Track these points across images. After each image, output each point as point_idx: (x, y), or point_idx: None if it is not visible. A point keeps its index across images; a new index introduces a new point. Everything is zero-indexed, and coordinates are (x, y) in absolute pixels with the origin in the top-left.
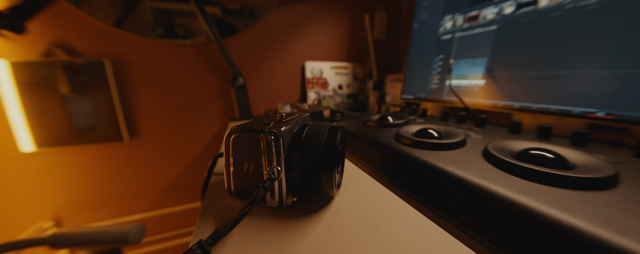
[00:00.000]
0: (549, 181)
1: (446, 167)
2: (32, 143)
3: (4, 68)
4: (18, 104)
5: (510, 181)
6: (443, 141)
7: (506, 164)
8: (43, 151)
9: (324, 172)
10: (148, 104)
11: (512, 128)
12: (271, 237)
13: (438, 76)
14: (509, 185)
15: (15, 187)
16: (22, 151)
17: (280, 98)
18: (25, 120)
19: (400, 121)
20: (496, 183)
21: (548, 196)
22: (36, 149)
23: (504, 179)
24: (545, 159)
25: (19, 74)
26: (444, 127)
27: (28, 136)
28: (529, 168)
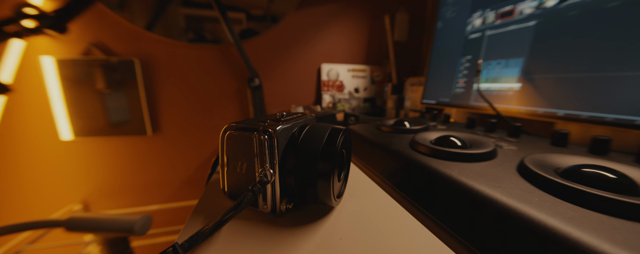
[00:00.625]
0: (610, 210)
1: (470, 183)
2: (70, 132)
3: (51, 64)
4: (61, 96)
5: (555, 205)
6: (468, 151)
7: (550, 184)
8: (79, 139)
9: (320, 179)
10: (170, 101)
11: (555, 139)
12: (257, 246)
13: (464, 79)
14: (554, 211)
15: (53, 171)
16: (62, 139)
17: (295, 100)
18: (66, 111)
19: (418, 126)
20: (537, 208)
21: (613, 231)
22: (74, 138)
23: (547, 203)
24: (604, 179)
25: (63, 70)
26: (470, 135)
27: (68, 125)
28: (583, 191)
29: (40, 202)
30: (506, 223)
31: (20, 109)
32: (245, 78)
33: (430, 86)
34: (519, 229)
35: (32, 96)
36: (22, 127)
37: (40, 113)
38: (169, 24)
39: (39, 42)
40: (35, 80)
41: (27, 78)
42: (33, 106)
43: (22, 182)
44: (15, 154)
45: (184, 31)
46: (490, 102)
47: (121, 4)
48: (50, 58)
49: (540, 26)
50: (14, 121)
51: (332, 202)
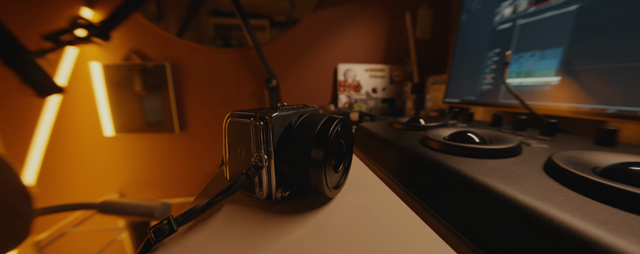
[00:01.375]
0: None
1: (480, 178)
2: (112, 129)
3: (98, 69)
4: (105, 97)
5: (586, 206)
6: (485, 147)
7: (582, 182)
8: (119, 136)
9: (312, 166)
10: (195, 102)
11: (601, 137)
12: (249, 229)
13: (492, 75)
14: (583, 212)
15: (96, 163)
16: (105, 135)
17: (311, 100)
18: (110, 110)
19: (435, 123)
20: (561, 207)
21: None
22: (115, 134)
23: (575, 203)
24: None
25: (107, 74)
26: (493, 132)
27: (110, 123)
28: (627, 191)
29: (84, 190)
30: (517, 222)
31: (71, 107)
32: (263, 79)
33: (453, 83)
34: (534, 230)
35: (81, 97)
36: (73, 123)
37: (88, 111)
38: (200, 32)
39: (89, 49)
40: (85, 83)
41: (78, 81)
42: (82, 105)
43: (70, 172)
44: (66, 146)
45: (213, 39)
46: (521, 98)
47: (159, 15)
48: (97, 63)
49: (584, 10)
50: (66, 118)
51: (325, 191)
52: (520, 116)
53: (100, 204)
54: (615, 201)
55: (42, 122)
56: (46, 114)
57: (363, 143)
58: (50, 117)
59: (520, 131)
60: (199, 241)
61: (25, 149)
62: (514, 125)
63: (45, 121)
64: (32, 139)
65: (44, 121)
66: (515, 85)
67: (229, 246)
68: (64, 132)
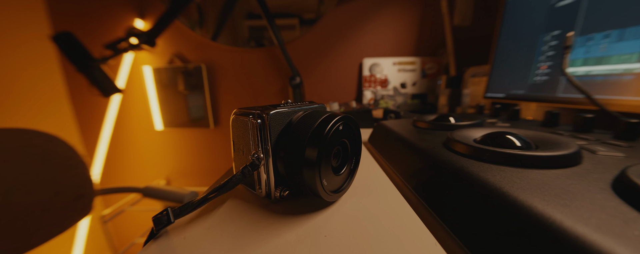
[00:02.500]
0: None
1: (514, 193)
2: (162, 124)
3: (149, 72)
4: (155, 96)
5: None
6: (526, 153)
7: None
8: (166, 130)
9: (306, 167)
10: (227, 99)
11: None
12: (244, 226)
13: (549, 63)
14: None
15: (148, 153)
16: (156, 129)
17: (334, 97)
18: (159, 108)
19: (467, 122)
20: (635, 246)
21: None
22: (163, 128)
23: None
24: None
25: (157, 76)
26: (543, 134)
27: (160, 118)
28: None
29: (139, 176)
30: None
31: (128, 105)
32: (287, 77)
33: (497, 75)
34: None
35: (136, 96)
36: (130, 119)
37: (142, 109)
38: (235, 35)
39: (141, 55)
40: (139, 84)
41: (134, 83)
42: (137, 103)
43: (128, 160)
44: (125, 138)
45: (247, 41)
46: (586, 91)
47: (201, 21)
48: (148, 67)
49: None
50: (124, 115)
51: (322, 194)
52: (584, 113)
53: (144, 189)
54: None
55: (107, 118)
56: (110, 111)
57: (380, 142)
58: (113, 114)
59: (583, 133)
60: (196, 233)
61: (95, 141)
62: (576, 125)
63: (109, 117)
64: (100, 132)
65: (108, 117)
66: (580, 75)
67: (221, 241)
68: (123, 127)
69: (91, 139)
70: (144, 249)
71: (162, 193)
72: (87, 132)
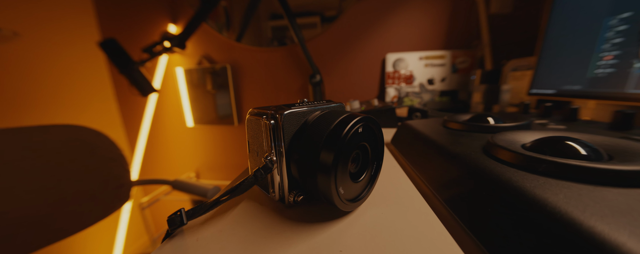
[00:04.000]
0: None
1: (589, 222)
2: (192, 121)
3: (181, 72)
4: (187, 95)
5: None
6: (599, 166)
7: None
8: (196, 126)
9: (320, 172)
10: (250, 98)
11: None
12: (255, 231)
13: (616, 52)
14: None
15: (181, 148)
16: (188, 126)
17: (356, 95)
18: (190, 106)
19: (511, 123)
20: None
21: None
22: (194, 125)
23: None
24: None
25: (188, 76)
26: (614, 140)
27: (191, 116)
28: None
29: (172, 169)
30: None
31: (163, 104)
32: (308, 75)
33: (546, 68)
34: None
35: (170, 95)
36: (164, 117)
37: (175, 107)
38: (259, 36)
39: (174, 57)
40: (172, 84)
41: (168, 83)
42: (171, 102)
43: (163, 154)
44: (160, 134)
45: (271, 41)
46: None
47: (227, 23)
48: (180, 68)
49: None
50: (160, 112)
51: (337, 203)
52: None
53: (173, 182)
54: None
55: (145, 116)
56: (147, 109)
57: (405, 144)
58: (150, 112)
59: None
60: (209, 234)
61: (135, 136)
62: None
63: (147, 115)
64: (139, 128)
65: (146, 115)
66: None
67: (231, 246)
68: (159, 124)
69: (132, 135)
70: (159, 248)
71: (188, 186)
72: (129, 128)
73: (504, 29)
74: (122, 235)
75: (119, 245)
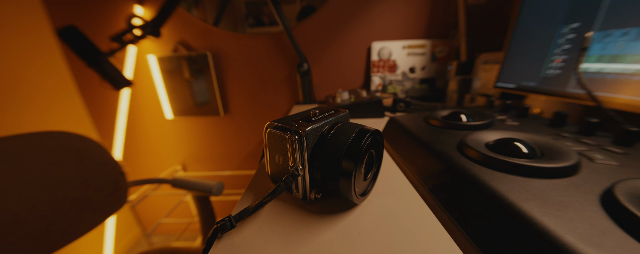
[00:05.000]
0: None
1: (519, 204)
2: (171, 112)
3: (154, 61)
4: (162, 85)
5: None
6: (531, 164)
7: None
8: (177, 118)
9: (342, 177)
10: (235, 87)
11: None
12: (289, 225)
13: (563, 57)
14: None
15: (161, 141)
16: (166, 118)
17: (343, 83)
18: (167, 96)
19: (479, 121)
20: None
21: None
22: (173, 117)
23: (626, 252)
24: None
25: (162, 65)
26: (547, 139)
27: (169, 107)
28: None
29: (156, 164)
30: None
31: (138, 96)
32: (295, 63)
33: (510, 64)
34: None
35: (145, 86)
36: (141, 110)
37: (151, 98)
38: (233, 14)
39: (145, 44)
40: (146, 74)
41: (140, 73)
42: (146, 93)
43: (143, 149)
44: (138, 129)
45: (245, 17)
46: (588, 88)
47: (196, 1)
48: (153, 56)
49: None
50: (135, 105)
51: (353, 199)
52: (589, 117)
53: (173, 180)
54: None
55: (120, 110)
56: (121, 103)
57: (395, 140)
58: (125, 106)
59: (587, 136)
60: (251, 232)
61: (111, 133)
62: (581, 127)
63: (122, 110)
64: (115, 124)
65: (121, 109)
66: (593, 71)
67: (274, 239)
68: (135, 118)
69: (106, 132)
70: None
71: (190, 184)
72: (101, 125)
73: (480, 21)
74: (111, 230)
75: (109, 239)
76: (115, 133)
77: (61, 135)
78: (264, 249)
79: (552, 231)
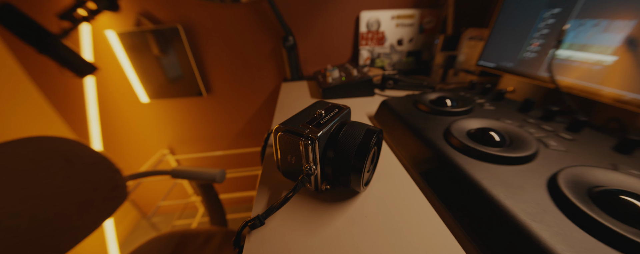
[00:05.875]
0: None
1: (489, 189)
2: (146, 95)
3: (115, 37)
4: (130, 65)
5: (567, 230)
6: (501, 154)
7: (574, 210)
8: (154, 101)
9: (352, 173)
10: (215, 64)
11: (623, 142)
12: (307, 214)
13: (541, 41)
14: (562, 236)
15: (143, 127)
16: (142, 101)
17: (331, 57)
18: (138, 78)
19: (461, 108)
20: (542, 227)
21: None
22: (149, 101)
23: (558, 227)
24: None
25: (124, 41)
26: (515, 128)
27: (142, 90)
28: (603, 225)
29: (141, 150)
30: (507, 233)
31: (106, 81)
32: (280, 37)
33: (493, 43)
34: (519, 240)
35: (110, 69)
36: (112, 95)
37: (121, 82)
38: None
39: (102, 20)
40: (108, 53)
41: (101, 53)
42: (114, 76)
43: (124, 137)
44: (113, 116)
45: None
46: (554, 75)
47: None
48: (112, 32)
49: None
50: (105, 91)
51: (359, 189)
52: (551, 105)
53: (172, 171)
54: (594, 233)
55: (88, 100)
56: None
57: (388, 124)
58: (93, 94)
59: (547, 123)
60: (276, 224)
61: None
62: (544, 113)
63: (90, 99)
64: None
65: (89, 99)
66: (562, 58)
67: (297, 227)
68: (108, 106)
69: (79, 126)
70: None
71: (192, 174)
72: (72, 119)
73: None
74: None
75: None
76: (89, 126)
77: (37, 141)
78: (291, 238)
79: (511, 210)
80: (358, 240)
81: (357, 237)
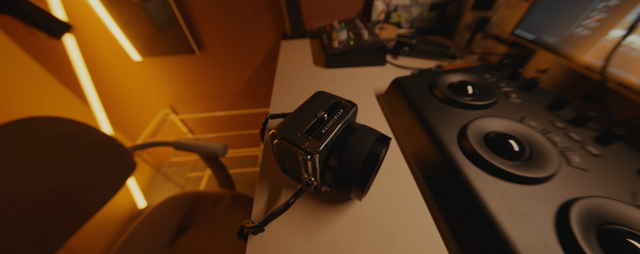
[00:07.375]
0: None
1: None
2: (137, 53)
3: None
4: (111, 19)
5: None
6: (516, 173)
7: (576, 249)
8: (146, 59)
9: (355, 187)
10: (204, 18)
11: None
12: (306, 216)
13: (601, 15)
14: None
15: (141, 88)
16: (134, 60)
17: (338, 10)
18: (122, 32)
19: (483, 101)
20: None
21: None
22: (142, 59)
23: None
24: None
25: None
26: (538, 135)
27: (131, 47)
28: None
29: (143, 111)
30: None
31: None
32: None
33: (539, 9)
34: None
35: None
36: (100, 56)
37: (106, 39)
38: None
39: None
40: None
41: (74, 8)
42: (98, 35)
43: (123, 99)
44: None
45: None
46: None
47: None
48: None
49: None
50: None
51: (361, 200)
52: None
53: (174, 143)
54: None
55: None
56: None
57: (397, 109)
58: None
59: (577, 128)
60: (275, 225)
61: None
62: (577, 116)
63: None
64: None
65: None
66: (628, 43)
67: (296, 229)
68: (100, 67)
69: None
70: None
71: (194, 147)
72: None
73: None
74: None
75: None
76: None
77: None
78: (290, 241)
79: (512, 242)
80: (355, 247)
81: (354, 244)
